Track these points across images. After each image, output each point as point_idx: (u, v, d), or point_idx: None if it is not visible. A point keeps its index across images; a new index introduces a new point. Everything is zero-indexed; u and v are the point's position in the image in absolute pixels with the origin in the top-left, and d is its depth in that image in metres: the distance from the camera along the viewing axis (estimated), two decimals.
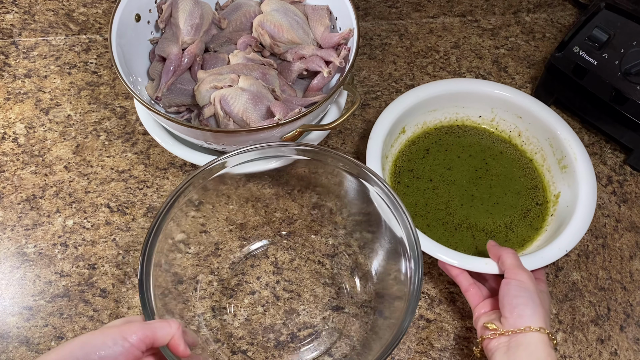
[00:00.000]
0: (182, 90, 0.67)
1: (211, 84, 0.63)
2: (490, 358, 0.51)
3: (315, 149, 0.58)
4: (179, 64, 0.66)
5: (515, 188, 0.70)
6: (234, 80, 0.63)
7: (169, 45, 0.67)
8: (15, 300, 0.62)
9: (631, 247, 0.69)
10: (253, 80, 0.63)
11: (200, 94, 0.64)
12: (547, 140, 0.70)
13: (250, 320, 0.62)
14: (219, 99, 0.61)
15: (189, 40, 0.67)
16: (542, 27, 0.90)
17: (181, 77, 0.67)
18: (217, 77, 0.63)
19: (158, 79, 0.67)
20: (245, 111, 0.61)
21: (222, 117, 0.62)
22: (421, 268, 0.51)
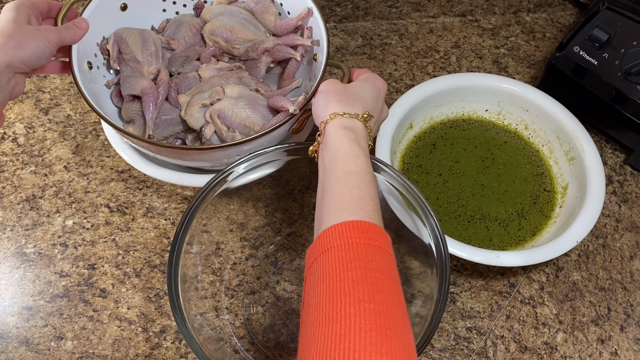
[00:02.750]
0: (168, 121, 0.63)
1: (199, 104, 0.60)
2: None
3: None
4: (157, 96, 0.62)
5: (522, 175, 0.71)
6: (220, 92, 0.61)
7: (136, 81, 0.63)
8: (15, 301, 0.62)
9: (631, 247, 0.69)
10: (238, 87, 0.61)
11: (192, 117, 0.61)
12: (554, 132, 0.71)
13: (250, 320, 0.61)
14: (216, 115, 0.60)
15: (154, 70, 0.64)
16: (543, 27, 0.90)
17: (162, 108, 0.64)
18: (201, 96, 0.61)
19: (140, 118, 0.63)
20: (247, 118, 0.59)
21: (225, 131, 0.60)
22: (447, 269, 0.51)
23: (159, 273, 0.64)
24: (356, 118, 0.50)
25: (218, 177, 0.56)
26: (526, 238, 0.66)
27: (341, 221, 0.42)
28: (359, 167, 0.46)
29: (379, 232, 0.42)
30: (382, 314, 0.36)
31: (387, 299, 0.37)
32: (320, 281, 0.39)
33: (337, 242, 0.40)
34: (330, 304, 0.37)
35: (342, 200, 0.44)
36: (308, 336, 0.37)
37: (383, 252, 0.41)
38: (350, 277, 0.38)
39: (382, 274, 0.39)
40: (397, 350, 0.34)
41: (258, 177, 0.60)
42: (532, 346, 0.62)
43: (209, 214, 0.59)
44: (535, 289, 0.65)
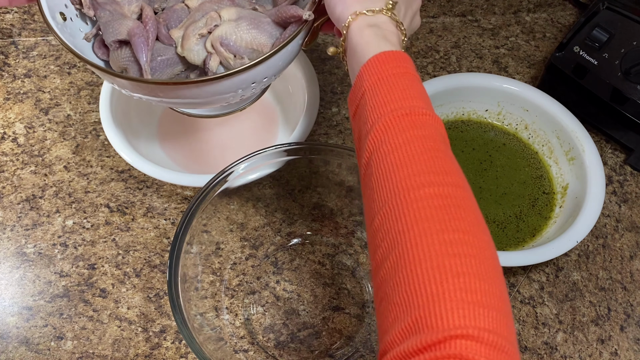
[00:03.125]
0: (165, 62, 0.56)
1: (196, 35, 0.54)
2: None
3: (319, 147, 0.58)
4: (147, 35, 0.54)
5: (520, 178, 0.71)
6: (217, 18, 0.54)
7: (119, 24, 0.55)
8: (15, 301, 0.62)
9: (631, 247, 0.69)
10: (236, 8, 0.54)
11: (191, 52, 0.54)
12: (554, 132, 0.71)
13: (250, 320, 0.61)
14: (218, 42, 0.53)
15: (135, 9, 0.57)
16: (543, 27, 0.90)
17: (154, 49, 0.56)
18: (196, 25, 0.54)
19: (133, 64, 0.55)
20: (253, 40, 0.53)
21: (232, 59, 0.53)
22: None
23: (159, 273, 0.64)
24: (380, 13, 0.44)
25: (218, 177, 0.56)
26: (525, 239, 0.66)
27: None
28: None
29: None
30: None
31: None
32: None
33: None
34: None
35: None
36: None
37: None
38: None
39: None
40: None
41: (258, 177, 0.60)
42: (532, 346, 0.62)
43: (209, 214, 0.59)
44: (535, 289, 0.65)
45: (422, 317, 0.30)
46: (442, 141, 0.39)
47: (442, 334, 0.29)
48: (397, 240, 0.34)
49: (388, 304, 0.33)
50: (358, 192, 0.64)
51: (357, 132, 0.43)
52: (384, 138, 0.38)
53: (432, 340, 0.29)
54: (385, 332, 0.33)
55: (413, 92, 0.40)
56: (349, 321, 0.62)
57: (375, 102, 0.40)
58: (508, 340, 0.30)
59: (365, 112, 0.41)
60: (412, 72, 0.42)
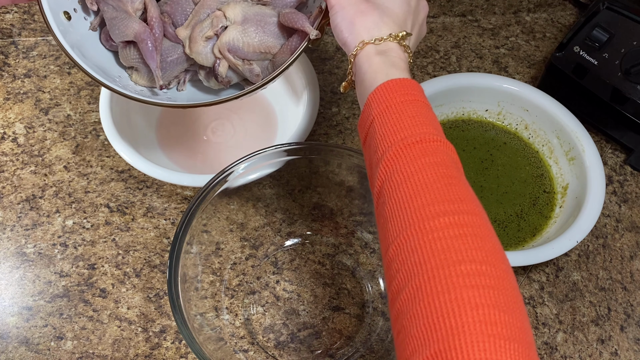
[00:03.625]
0: (174, 61, 0.56)
1: (203, 38, 0.53)
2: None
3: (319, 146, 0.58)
4: (154, 39, 0.54)
5: (521, 177, 0.71)
6: (222, 18, 0.53)
7: (125, 25, 0.54)
8: (14, 301, 0.62)
9: (632, 247, 0.69)
10: (240, 6, 0.53)
11: (199, 55, 0.54)
12: (554, 132, 0.71)
13: (250, 320, 0.61)
14: (226, 49, 0.53)
15: (139, 6, 0.56)
16: (543, 27, 0.90)
17: (163, 49, 0.56)
18: (202, 27, 0.54)
19: (142, 65, 0.56)
20: (261, 44, 0.53)
21: (241, 65, 0.54)
22: None
23: (159, 273, 0.64)
24: (389, 40, 0.44)
25: (218, 177, 0.56)
26: (526, 238, 0.66)
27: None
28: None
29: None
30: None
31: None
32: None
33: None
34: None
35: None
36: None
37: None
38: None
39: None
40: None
41: (258, 177, 0.60)
42: None
43: (209, 214, 0.59)
44: (535, 289, 0.65)
45: (441, 351, 0.30)
46: (455, 167, 0.39)
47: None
48: (414, 272, 0.33)
49: (406, 336, 0.33)
50: (358, 192, 0.64)
51: (368, 160, 0.42)
52: (396, 167, 0.38)
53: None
54: (399, 357, 0.32)
55: (423, 119, 0.40)
56: (349, 321, 0.62)
57: (385, 130, 0.40)
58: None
59: (375, 140, 0.41)
60: (421, 99, 0.41)
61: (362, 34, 0.44)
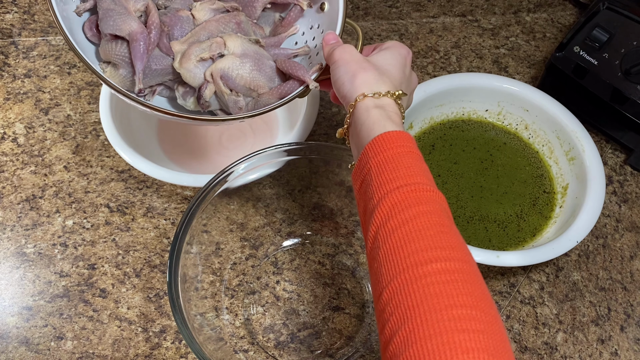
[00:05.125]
0: (159, 71, 0.55)
1: (197, 57, 0.53)
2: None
3: (319, 146, 0.58)
4: (148, 43, 0.52)
5: (521, 177, 0.71)
6: (221, 45, 0.54)
7: (122, 20, 0.52)
8: (14, 301, 0.62)
9: (632, 247, 0.69)
10: (241, 40, 0.54)
11: (189, 72, 0.53)
12: (554, 132, 0.71)
13: (250, 320, 0.61)
14: (218, 75, 0.53)
15: (141, 7, 0.55)
16: (543, 27, 0.90)
17: (151, 56, 0.54)
18: (200, 47, 0.53)
19: (126, 65, 0.53)
20: (252, 80, 0.54)
21: (228, 94, 0.54)
22: None
23: (159, 273, 0.64)
24: (387, 96, 0.47)
25: (218, 177, 0.56)
26: (526, 239, 0.66)
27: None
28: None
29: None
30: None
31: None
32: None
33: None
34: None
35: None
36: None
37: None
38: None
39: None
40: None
41: (258, 177, 0.60)
42: (532, 346, 0.62)
43: (209, 214, 0.59)
44: (535, 289, 0.65)
45: None
46: (447, 216, 0.40)
47: None
48: (407, 316, 0.34)
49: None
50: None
51: (363, 206, 0.44)
52: (391, 213, 0.40)
53: None
54: None
55: (417, 170, 0.42)
56: (349, 321, 0.62)
57: (381, 179, 0.42)
58: None
59: (371, 188, 0.43)
60: (416, 151, 0.44)
61: (363, 87, 0.47)
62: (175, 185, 0.70)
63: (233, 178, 0.58)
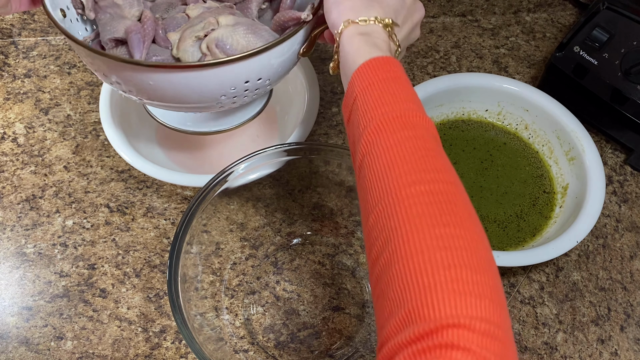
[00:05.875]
0: (159, 62, 0.54)
1: (193, 37, 0.53)
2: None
3: (319, 146, 0.58)
4: (144, 33, 0.53)
5: (521, 177, 0.71)
6: (214, 23, 0.53)
7: (118, 22, 0.54)
8: (14, 301, 0.62)
9: (632, 247, 0.69)
10: (233, 16, 0.54)
11: (186, 52, 0.53)
12: (554, 132, 0.71)
13: (250, 320, 0.61)
14: (213, 44, 0.52)
15: (136, 13, 0.56)
16: (543, 27, 0.90)
17: (151, 49, 0.55)
18: (194, 29, 0.54)
19: None
20: (249, 44, 0.52)
21: None
22: None
23: (159, 273, 0.64)
24: (374, 22, 0.44)
25: (218, 177, 0.56)
26: (526, 239, 0.66)
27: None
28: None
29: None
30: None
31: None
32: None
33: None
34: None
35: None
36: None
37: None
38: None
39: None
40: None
41: (258, 177, 0.60)
42: (532, 346, 0.62)
43: (209, 214, 0.59)
44: (535, 289, 0.65)
45: (414, 309, 0.31)
46: (434, 140, 0.40)
47: (434, 324, 0.30)
48: (390, 237, 0.35)
49: (384, 299, 0.34)
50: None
51: (352, 136, 0.43)
52: (376, 140, 0.39)
53: (425, 330, 0.30)
54: (382, 327, 0.33)
55: (404, 95, 0.41)
56: (349, 321, 0.62)
57: (366, 106, 0.41)
58: (501, 328, 0.30)
59: (358, 116, 0.42)
60: (403, 76, 0.43)
61: (349, 12, 0.45)
62: (175, 185, 0.70)
63: (233, 178, 0.58)
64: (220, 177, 0.56)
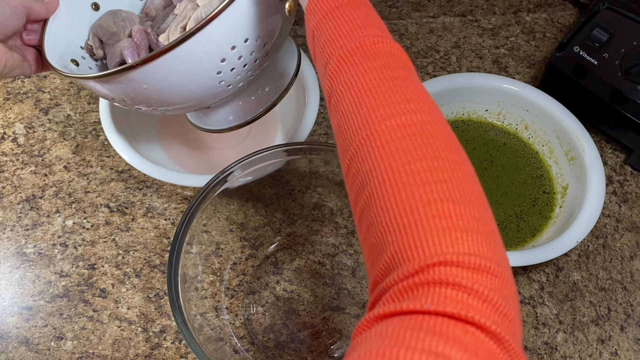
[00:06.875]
0: None
1: (178, 29, 0.53)
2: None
3: (319, 146, 0.58)
4: (136, 45, 0.55)
5: (521, 177, 0.71)
6: (194, 6, 0.53)
7: (115, 48, 0.56)
8: (14, 301, 0.62)
9: (632, 247, 0.69)
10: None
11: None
12: (554, 132, 0.71)
13: (250, 320, 0.61)
14: (194, 24, 0.51)
15: (128, 32, 0.57)
16: (543, 27, 0.90)
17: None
18: (177, 20, 0.54)
19: None
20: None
21: None
22: None
23: (159, 273, 0.64)
24: None
25: (218, 177, 0.56)
26: (526, 239, 0.66)
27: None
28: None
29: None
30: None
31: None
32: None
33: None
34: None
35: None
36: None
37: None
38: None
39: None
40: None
41: (258, 177, 0.60)
42: (532, 346, 0.62)
43: (209, 214, 0.59)
44: (535, 289, 0.65)
45: (397, 252, 0.29)
46: (402, 67, 0.36)
47: (418, 264, 0.27)
48: (365, 181, 0.32)
49: (367, 247, 0.32)
50: None
51: (321, 77, 0.40)
52: (338, 77, 0.36)
53: (409, 271, 0.28)
54: (370, 277, 0.32)
55: (362, 20, 0.38)
56: (349, 321, 0.62)
57: (324, 40, 0.38)
58: (494, 261, 0.28)
59: (319, 53, 0.39)
60: (358, 0, 0.39)
61: None
62: (175, 185, 0.70)
63: (233, 178, 0.57)
64: (220, 177, 0.56)
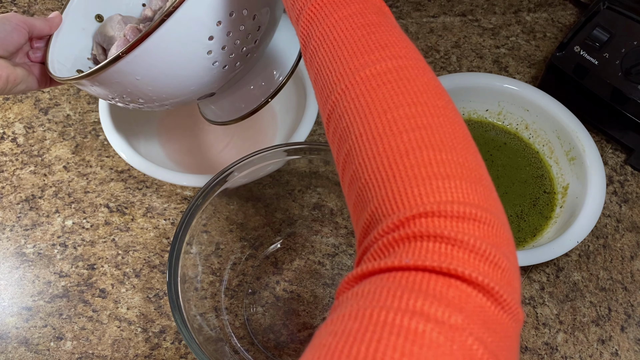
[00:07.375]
0: None
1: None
2: None
3: (319, 146, 0.58)
4: (128, 42, 0.54)
5: (521, 177, 0.70)
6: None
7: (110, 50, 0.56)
8: (14, 301, 0.62)
9: (632, 248, 0.69)
10: None
11: None
12: (555, 132, 0.70)
13: (250, 320, 0.61)
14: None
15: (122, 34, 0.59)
16: (543, 27, 0.90)
17: None
18: (162, 10, 0.53)
19: None
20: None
21: None
22: None
23: (158, 273, 0.64)
24: None
25: (218, 177, 0.56)
26: (526, 239, 0.66)
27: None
28: None
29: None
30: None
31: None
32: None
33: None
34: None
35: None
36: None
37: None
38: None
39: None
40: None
41: (258, 177, 0.60)
42: (532, 346, 0.61)
43: (209, 214, 0.59)
44: (535, 289, 0.65)
45: (377, 208, 0.27)
46: (376, 12, 0.35)
47: (397, 219, 0.26)
48: (344, 137, 0.31)
49: (351, 205, 0.31)
50: None
51: (296, 32, 0.39)
52: (311, 31, 0.35)
53: (390, 227, 0.26)
54: (355, 237, 0.30)
55: None
56: None
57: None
58: (481, 208, 0.26)
59: (289, 6, 0.37)
60: None
61: None
62: (175, 185, 0.70)
63: (233, 178, 0.57)
64: (220, 177, 0.56)
